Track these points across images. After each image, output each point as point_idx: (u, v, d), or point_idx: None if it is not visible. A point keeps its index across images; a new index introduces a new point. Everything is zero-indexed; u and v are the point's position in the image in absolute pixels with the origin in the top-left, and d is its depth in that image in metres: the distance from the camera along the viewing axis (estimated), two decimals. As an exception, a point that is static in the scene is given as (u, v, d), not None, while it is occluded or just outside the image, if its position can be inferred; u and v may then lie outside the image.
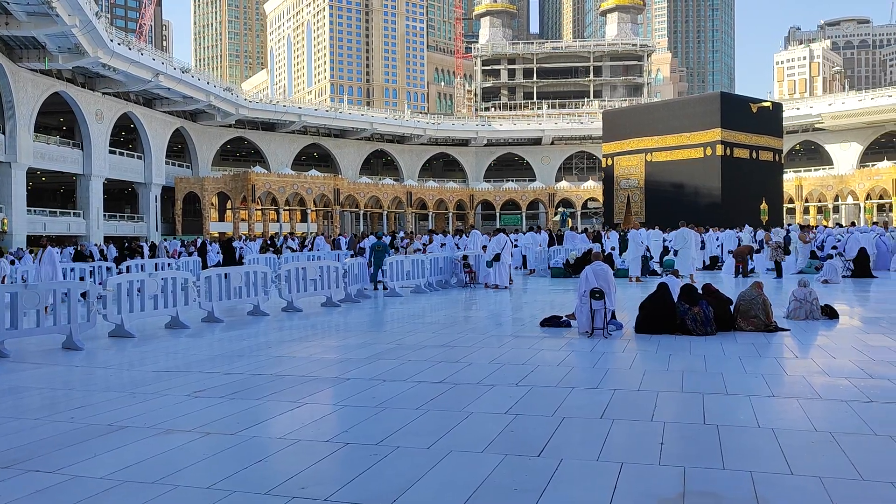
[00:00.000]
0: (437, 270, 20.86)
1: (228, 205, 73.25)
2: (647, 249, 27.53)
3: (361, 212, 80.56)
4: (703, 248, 26.76)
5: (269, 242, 39.58)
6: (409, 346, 10.55)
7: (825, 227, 41.56)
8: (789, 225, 40.08)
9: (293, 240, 39.38)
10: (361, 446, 5.60)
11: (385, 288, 19.32)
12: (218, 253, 30.54)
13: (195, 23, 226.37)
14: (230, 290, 14.40)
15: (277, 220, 72.82)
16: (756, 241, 29.14)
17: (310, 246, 35.13)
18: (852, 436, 5.66)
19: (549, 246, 29.00)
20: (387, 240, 28.07)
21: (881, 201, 72.75)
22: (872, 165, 76.91)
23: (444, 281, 21.21)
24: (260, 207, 71.98)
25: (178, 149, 75.73)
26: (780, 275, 22.17)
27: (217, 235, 63.41)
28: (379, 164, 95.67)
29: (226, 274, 14.60)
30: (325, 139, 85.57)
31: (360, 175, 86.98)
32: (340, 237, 39.21)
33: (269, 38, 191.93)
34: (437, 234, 30.64)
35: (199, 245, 33.44)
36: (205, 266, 25.60)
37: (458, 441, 5.69)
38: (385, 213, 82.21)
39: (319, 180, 75.57)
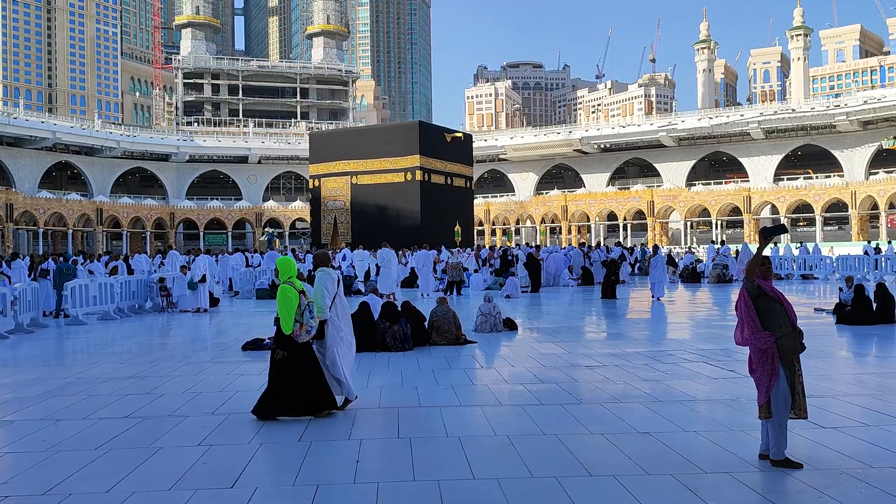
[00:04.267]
0: (128, 294, 19.23)
1: None
2: (353, 268, 28.33)
3: (41, 230, 71.60)
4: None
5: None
6: (90, 379, 9.54)
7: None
8: (518, 245, 43.10)
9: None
10: (25, 497, 4.92)
11: (66, 315, 17.34)
12: None
13: None
14: None
15: (-71, 240, 61.84)
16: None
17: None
18: (525, 437, 6.29)
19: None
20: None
21: (553, 224, 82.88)
22: (546, 193, 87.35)
23: (137, 306, 19.63)
24: None
25: None
26: (459, 292, 23.76)
27: None
28: (63, 177, 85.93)
29: None
30: (-6, 147, 74.79)
31: (39, 189, 77.24)
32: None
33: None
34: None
35: None
36: None
37: (144, 480, 5.26)
38: (71, 231, 73.99)
39: (-14, 194, 65.78)
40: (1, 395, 8.59)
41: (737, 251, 29.95)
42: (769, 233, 5.64)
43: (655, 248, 23.60)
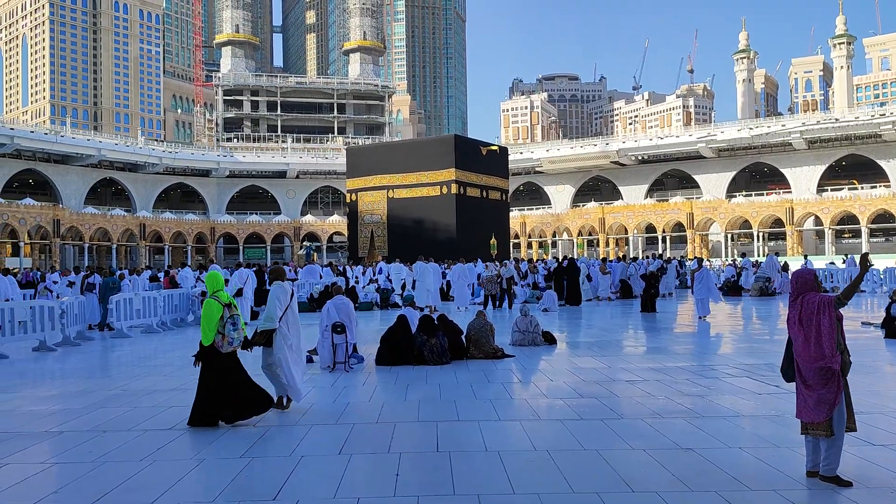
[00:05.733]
0: (171, 308, 19.58)
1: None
2: (390, 281, 28.46)
3: (86, 245, 73.32)
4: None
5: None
6: (135, 391, 9.73)
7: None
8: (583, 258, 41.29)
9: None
10: (73, 509, 5.02)
11: (111, 328, 17.71)
12: None
13: None
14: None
15: (-19, 255, 63.77)
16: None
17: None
18: (565, 452, 6.23)
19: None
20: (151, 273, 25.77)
21: (590, 237, 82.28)
22: (583, 205, 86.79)
23: (179, 319, 19.96)
24: (-42, 240, 62.62)
25: None
26: (501, 306, 23.76)
27: None
28: (108, 193, 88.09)
29: None
30: (43, 165, 76.82)
31: (85, 205, 79.24)
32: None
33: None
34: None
35: None
36: None
37: (187, 492, 5.33)
38: (115, 246, 75.66)
39: (35, 210, 67.63)
40: (49, 407, 8.80)
41: (757, 262, 29.51)
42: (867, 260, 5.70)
43: (700, 260, 22.72)
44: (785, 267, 32.11)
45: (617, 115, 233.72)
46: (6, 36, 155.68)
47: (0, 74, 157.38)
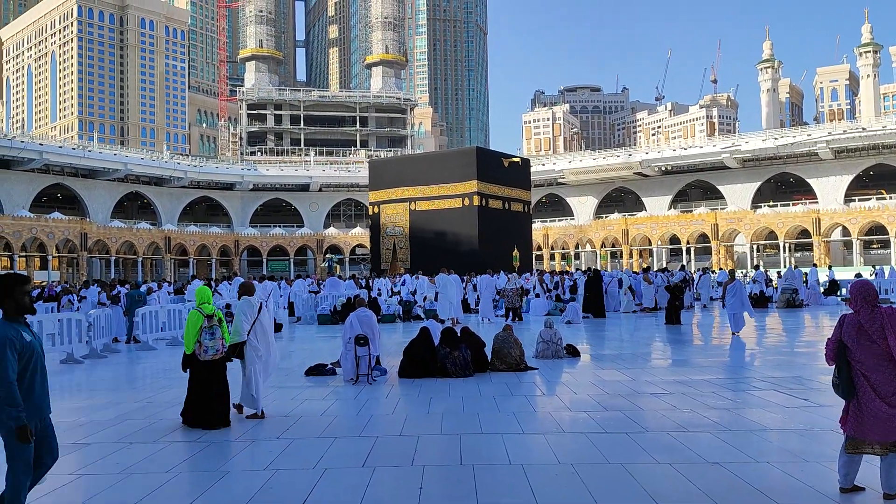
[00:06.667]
0: (196, 320, 19.72)
1: (-53, 250, 63.89)
2: (412, 294, 28.47)
3: (113, 258, 74.30)
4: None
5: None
6: (160, 403, 9.81)
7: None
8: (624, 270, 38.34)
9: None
10: (100, 520, 5.06)
11: (137, 341, 17.90)
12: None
13: None
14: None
15: (11, 268, 64.78)
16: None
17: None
18: (590, 466, 6.17)
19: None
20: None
21: (613, 249, 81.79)
22: (606, 217, 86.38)
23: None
24: (-12, 253, 63.75)
25: None
26: (518, 318, 23.40)
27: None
28: (134, 207, 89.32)
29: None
30: (71, 179, 78.13)
31: (111, 219, 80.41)
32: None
33: (4, 68, 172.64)
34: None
35: None
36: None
37: (212, 503, 5.36)
38: (140, 259, 76.59)
39: (63, 224, 68.69)
40: (77, 419, 8.90)
41: (779, 273, 29.06)
42: None
43: (732, 272, 21.72)
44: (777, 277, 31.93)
45: (639, 125, 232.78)
46: (36, 54, 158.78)
47: (30, 91, 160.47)
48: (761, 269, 45.16)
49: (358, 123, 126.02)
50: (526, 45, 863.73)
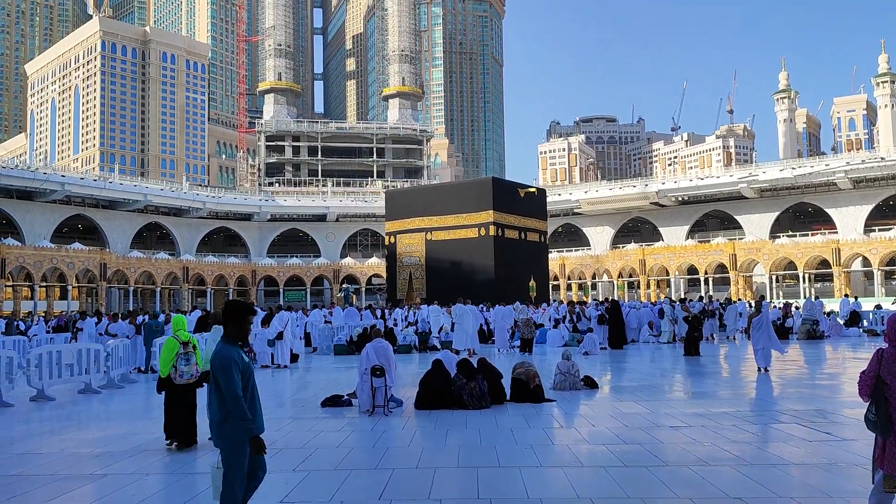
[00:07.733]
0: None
1: (-30, 280, 64.68)
2: (428, 323, 28.39)
3: (132, 288, 74.90)
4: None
5: (13, 321, 35.16)
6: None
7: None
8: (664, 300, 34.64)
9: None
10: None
11: (154, 371, 17.94)
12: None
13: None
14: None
15: (32, 298, 65.53)
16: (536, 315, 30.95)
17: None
18: (609, 500, 6.09)
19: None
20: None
21: (630, 279, 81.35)
22: (623, 247, 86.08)
23: (221, 362, 20.13)
24: (11, 284, 64.44)
25: None
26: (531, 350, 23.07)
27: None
28: (153, 237, 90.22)
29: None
30: (92, 210, 79.18)
31: (131, 249, 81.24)
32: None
33: (29, 101, 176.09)
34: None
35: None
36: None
37: (228, 537, 5.32)
38: (158, 289, 77.16)
39: (83, 254, 69.46)
40: (93, 450, 8.91)
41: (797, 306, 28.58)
42: None
43: (759, 304, 19.54)
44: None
45: (655, 156, 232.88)
46: (60, 87, 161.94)
47: (53, 124, 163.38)
48: (766, 300, 44.49)
49: (375, 154, 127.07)
50: (541, 75, 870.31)
